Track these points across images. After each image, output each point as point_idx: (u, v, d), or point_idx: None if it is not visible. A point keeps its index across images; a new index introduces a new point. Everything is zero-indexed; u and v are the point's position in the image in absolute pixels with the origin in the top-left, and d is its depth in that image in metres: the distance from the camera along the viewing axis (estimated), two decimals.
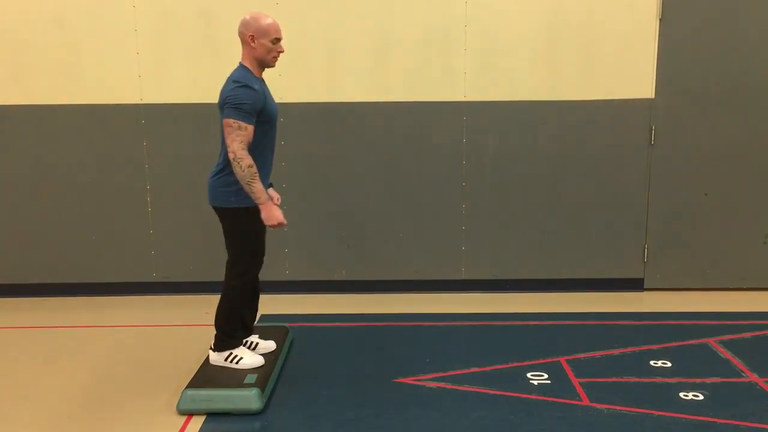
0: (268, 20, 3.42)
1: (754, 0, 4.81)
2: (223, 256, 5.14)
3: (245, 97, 3.29)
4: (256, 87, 3.35)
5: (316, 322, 4.60)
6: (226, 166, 3.41)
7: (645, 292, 5.18)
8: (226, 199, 3.44)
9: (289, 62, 4.89)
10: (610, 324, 4.55)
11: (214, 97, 4.86)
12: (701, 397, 3.49)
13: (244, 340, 3.80)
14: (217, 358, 3.64)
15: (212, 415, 3.34)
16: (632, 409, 3.37)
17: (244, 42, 3.44)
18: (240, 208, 3.44)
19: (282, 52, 3.51)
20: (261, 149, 3.44)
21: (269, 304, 4.88)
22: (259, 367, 3.61)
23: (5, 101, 4.92)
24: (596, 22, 4.85)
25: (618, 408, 3.39)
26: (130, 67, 4.89)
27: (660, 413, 3.33)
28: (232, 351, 3.64)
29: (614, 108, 4.95)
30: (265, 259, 5.12)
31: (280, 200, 3.77)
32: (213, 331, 3.67)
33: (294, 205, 5.10)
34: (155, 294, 5.17)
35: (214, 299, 5.09)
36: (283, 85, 4.91)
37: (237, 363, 3.61)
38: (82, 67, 4.89)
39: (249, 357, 3.64)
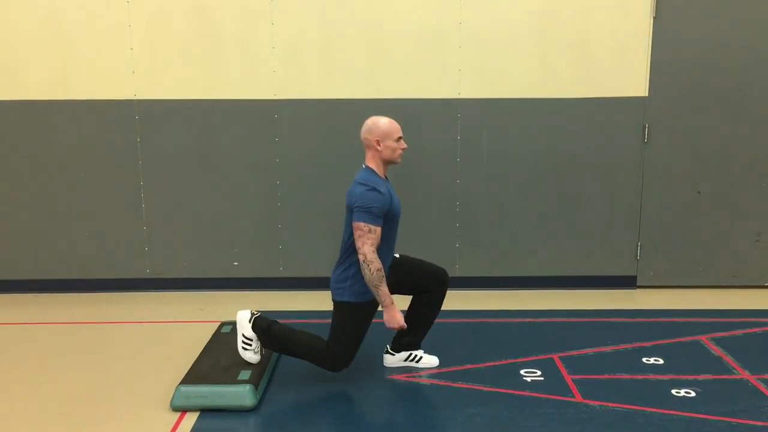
0: (389, 122, 3.53)
1: None
2: (215, 251, 5.16)
3: (374, 201, 3.39)
4: (383, 190, 3.44)
5: (311, 319, 4.59)
6: (344, 261, 3.54)
7: (638, 290, 5.20)
8: (340, 293, 3.54)
9: (283, 59, 4.90)
10: (602, 321, 4.57)
11: (208, 93, 4.94)
12: (693, 394, 3.51)
13: (410, 353, 3.88)
14: (396, 360, 3.87)
15: (206, 412, 3.34)
16: (624, 406, 3.38)
17: (368, 146, 3.54)
18: (350, 303, 3.52)
19: (405, 148, 3.60)
20: (384, 247, 3.52)
21: (263, 300, 4.89)
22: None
23: None
24: (590, 20, 4.85)
25: (610, 405, 3.40)
26: (124, 62, 4.88)
27: (652, 410, 3.35)
28: (411, 351, 3.87)
29: (608, 106, 4.96)
30: (260, 255, 5.18)
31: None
32: (206, 328, 3.66)
33: (288, 202, 5.10)
34: (149, 290, 5.17)
35: (209, 295, 5.12)
36: (278, 82, 4.91)
37: (418, 362, 3.84)
38: (76, 63, 4.87)
39: (426, 356, 3.88)
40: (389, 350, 3.86)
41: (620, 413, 3.32)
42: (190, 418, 3.30)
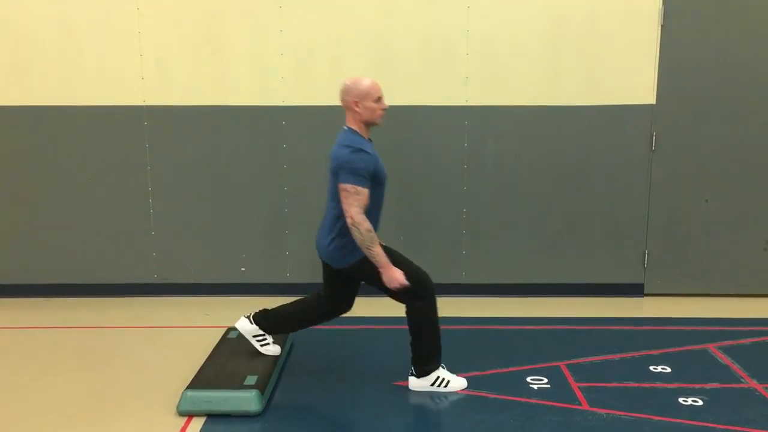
0: (368, 82, 3.47)
1: (754, 7, 4.83)
2: (222, 257, 5.17)
3: (360, 162, 3.34)
4: (369, 151, 3.40)
5: (317, 325, 4.60)
6: (334, 228, 3.49)
7: (645, 298, 5.18)
8: (349, 257, 3.49)
9: (291, 66, 4.92)
10: (610, 329, 4.55)
11: (216, 100, 4.96)
12: (700, 403, 3.49)
13: (261, 336, 3.82)
14: (420, 384, 3.63)
15: (212, 417, 3.34)
16: (631, 414, 3.37)
17: (348, 108, 3.49)
18: (360, 260, 3.47)
19: (386, 108, 3.54)
20: (373, 210, 3.48)
21: (269, 306, 4.88)
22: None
23: (9, 102, 4.93)
24: (598, 28, 4.86)
25: (617, 413, 3.39)
26: (133, 69, 4.91)
27: (659, 418, 3.33)
28: (437, 374, 3.63)
29: (615, 114, 4.96)
30: (267, 261, 5.18)
31: None
32: (212, 333, 3.68)
33: (295, 208, 5.11)
34: (156, 295, 5.18)
35: (215, 301, 5.12)
36: (286, 88, 4.93)
37: (445, 386, 3.62)
38: (86, 69, 4.90)
39: (455, 379, 3.65)
40: (413, 372, 3.66)
41: (627, 421, 3.31)
42: (197, 423, 3.30)
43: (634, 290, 5.19)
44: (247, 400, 3.36)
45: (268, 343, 3.78)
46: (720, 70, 4.91)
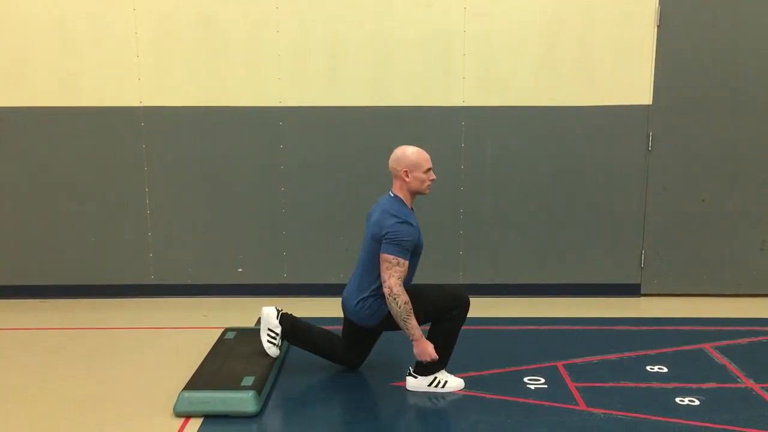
0: (418, 153, 3.49)
1: (751, 7, 4.84)
2: (220, 258, 5.17)
3: (406, 235, 3.37)
4: (414, 223, 3.42)
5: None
6: (367, 289, 3.52)
7: (642, 298, 5.19)
8: (373, 319, 3.56)
9: (288, 66, 4.92)
10: (607, 329, 4.56)
11: (213, 100, 4.96)
12: (697, 403, 3.50)
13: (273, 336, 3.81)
14: (418, 384, 3.62)
15: (210, 417, 3.34)
16: (628, 414, 3.38)
17: (397, 176, 3.50)
18: (376, 324, 3.60)
19: (434, 179, 3.56)
20: (406, 279, 3.50)
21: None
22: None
23: (5, 103, 4.93)
24: (594, 27, 4.87)
25: (614, 413, 3.39)
26: (129, 70, 4.90)
27: (656, 418, 3.34)
28: (435, 375, 3.62)
29: (612, 114, 4.97)
30: (264, 262, 5.18)
31: None
32: (210, 334, 3.67)
33: (292, 209, 5.11)
34: (153, 296, 5.18)
35: (212, 302, 5.12)
36: (283, 89, 4.93)
37: (443, 387, 3.61)
38: (82, 70, 4.90)
39: (453, 380, 3.64)
40: (411, 372, 3.66)
41: (624, 421, 3.31)
42: (194, 424, 3.30)
43: (631, 290, 5.20)
44: (244, 400, 3.35)
45: (274, 344, 3.72)
46: (716, 71, 4.92)
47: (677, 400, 3.53)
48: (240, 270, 5.17)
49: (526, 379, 3.77)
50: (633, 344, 4.26)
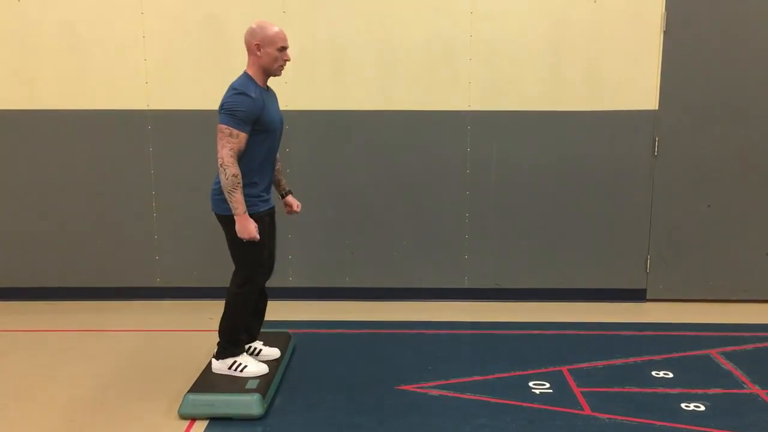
0: (275, 29, 3.43)
1: (757, 12, 4.83)
2: (226, 261, 5.18)
3: (240, 104, 3.30)
4: (253, 95, 3.34)
5: (319, 329, 4.61)
6: (216, 174, 3.44)
7: (647, 303, 5.18)
8: (225, 206, 3.44)
9: (295, 70, 4.93)
10: (612, 334, 4.55)
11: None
12: (702, 408, 3.49)
13: (247, 346, 3.81)
14: (220, 366, 3.63)
15: (215, 420, 3.35)
16: (633, 419, 3.37)
17: (249, 50, 3.45)
18: (232, 216, 3.42)
19: (288, 60, 3.52)
20: (261, 159, 3.45)
21: (272, 311, 4.88)
22: (262, 375, 3.61)
23: (14, 106, 4.96)
24: (601, 33, 4.87)
25: (619, 418, 3.39)
26: (137, 73, 4.93)
27: (661, 423, 3.33)
28: (235, 359, 3.62)
29: (618, 119, 4.97)
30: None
31: (300, 207, 3.85)
32: (216, 337, 3.68)
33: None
34: (159, 299, 5.19)
35: (218, 305, 5.10)
36: (289, 92, 4.95)
37: (241, 371, 3.60)
38: (90, 73, 4.92)
39: (253, 365, 3.63)
40: (214, 355, 3.68)
41: (629, 426, 3.31)
42: (199, 427, 3.31)
43: (637, 295, 5.19)
44: (249, 403, 3.36)
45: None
46: (722, 76, 4.91)
47: (683, 405, 3.52)
48: None
49: (531, 384, 3.77)
50: (638, 349, 4.25)
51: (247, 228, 3.37)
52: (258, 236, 3.40)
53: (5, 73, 4.92)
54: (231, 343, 3.63)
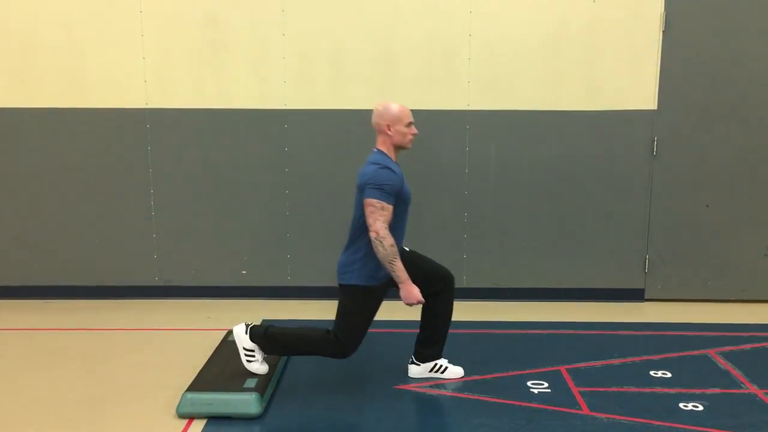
0: (400, 107, 3.55)
1: (756, 12, 4.84)
2: (225, 260, 5.18)
3: (388, 179, 3.40)
4: (395, 169, 3.46)
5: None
6: (353, 243, 3.53)
7: (646, 303, 5.19)
8: (347, 276, 3.52)
9: (293, 69, 4.93)
10: (610, 334, 4.55)
11: (218, 102, 4.97)
12: (701, 408, 3.49)
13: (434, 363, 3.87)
14: (422, 370, 3.84)
15: (213, 419, 3.35)
16: (632, 419, 3.37)
17: (380, 131, 3.56)
18: (357, 286, 3.49)
19: (416, 134, 3.62)
20: (394, 229, 3.50)
21: (271, 310, 4.90)
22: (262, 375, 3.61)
23: (12, 104, 4.95)
24: (600, 33, 4.87)
25: (617, 417, 3.39)
26: (136, 71, 4.92)
27: (659, 423, 3.33)
28: (436, 361, 3.84)
29: (617, 119, 4.97)
30: (268, 264, 5.19)
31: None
32: (213, 336, 3.67)
33: (297, 211, 5.12)
34: (157, 298, 5.19)
35: (216, 303, 5.13)
36: (288, 92, 4.95)
37: (443, 372, 3.82)
38: (89, 71, 4.92)
39: (452, 366, 3.86)
40: (414, 360, 3.84)
41: (627, 426, 3.31)
42: (197, 425, 3.30)
43: (635, 295, 5.19)
44: (247, 402, 3.36)
45: (255, 361, 3.60)
46: (721, 76, 4.92)
47: (681, 405, 3.52)
48: (244, 272, 5.18)
49: (529, 383, 3.77)
50: (637, 349, 4.26)
51: (413, 293, 3.46)
52: (423, 299, 3.52)
53: (3, 71, 4.92)
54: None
